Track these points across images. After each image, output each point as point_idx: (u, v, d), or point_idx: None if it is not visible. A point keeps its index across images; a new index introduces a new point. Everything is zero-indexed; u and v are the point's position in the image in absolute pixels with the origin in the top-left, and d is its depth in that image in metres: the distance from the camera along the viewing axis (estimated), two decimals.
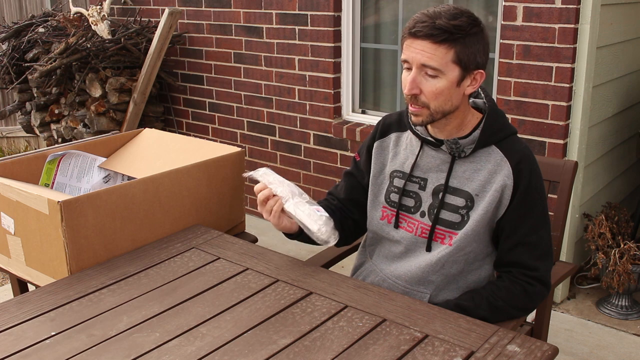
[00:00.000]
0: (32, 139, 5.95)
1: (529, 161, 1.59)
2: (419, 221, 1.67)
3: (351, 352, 1.30)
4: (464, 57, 1.49)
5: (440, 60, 1.48)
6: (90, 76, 3.88)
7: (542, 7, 2.70)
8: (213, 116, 4.16)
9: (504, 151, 1.59)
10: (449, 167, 1.62)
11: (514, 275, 1.61)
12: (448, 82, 1.51)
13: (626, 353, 2.65)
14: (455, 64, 1.50)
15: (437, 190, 1.64)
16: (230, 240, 1.83)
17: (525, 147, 1.61)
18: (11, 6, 5.95)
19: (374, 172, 1.76)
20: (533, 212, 1.59)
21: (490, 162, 1.59)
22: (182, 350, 1.31)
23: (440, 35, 1.46)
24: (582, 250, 3.08)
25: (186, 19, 4.08)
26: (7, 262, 1.90)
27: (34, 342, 1.35)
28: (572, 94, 2.75)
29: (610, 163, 3.23)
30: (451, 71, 1.50)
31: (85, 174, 2.19)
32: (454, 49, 1.48)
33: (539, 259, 1.60)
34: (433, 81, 1.51)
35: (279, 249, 3.45)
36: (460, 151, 1.60)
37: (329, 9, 3.40)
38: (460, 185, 1.61)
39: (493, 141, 1.60)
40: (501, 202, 1.58)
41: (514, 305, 1.60)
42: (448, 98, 1.53)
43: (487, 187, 1.58)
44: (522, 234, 1.59)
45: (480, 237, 1.63)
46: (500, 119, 1.63)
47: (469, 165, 1.61)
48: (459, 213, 1.61)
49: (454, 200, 1.61)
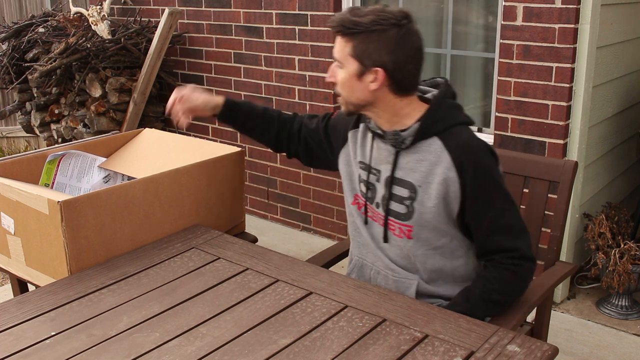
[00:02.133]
0: (32, 139, 5.95)
1: (472, 152, 1.59)
2: (376, 212, 1.72)
3: (351, 352, 1.30)
4: (360, 52, 1.55)
5: (340, 52, 1.58)
6: (90, 76, 3.88)
7: (542, 7, 2.70)
8: (213, 116, 4.15)
9: (444, 142, 1.60)
10: (394, 159, 1.65)
11: (498, 262, 1.63)
12: (347, 74, 1.59)
13: (626, 353, 2.65)
14: (353, 57, 1.56)
15: (387, 181, 1.68)
16: (230, 240, 1.83)
17: (467, 138, 1.61)
18: (11, 6, 5.95)
19: (347, 159, 1.81)
20: (492, 199, 1.61)
21: (431, 152, 1.61)
22: (182, 350, 1.31)
23: (337, 27, 1.57)
24: (582, 250, 3.08)
25: (186, 19, 4.08)
26: (7, 262, 1.90)
27: (34, 342, 1.35)
28: (572, 94, 2.75)
29: (610, 163, 3.23)
30: (350, 64, 1.58)
31: (85, 174, 2.19)
32: (351, 42, 1.56)
33: (516, 238, 1.63)
34: (339, 72, 1.61)
35: (279, 249, 3.45)
36: (401, 142, 1.63)
37: (329, 9, 3.40)
38: (405, 176, 1.64)
39: (434, 132, 1.61)
40: (449, 196, 1.60)
41: (509, 292, 1.64)
42: (351, 90, 1.60)
43: (429, 178, 1.61)
44: (490, 222, 1.61)
45: (446, 232, 1.65)
46: (448, 109, 1.63)
47: (412, 156, 1.63)
48: (404, 204, 1.65)
49: (399, 191, 1.65)
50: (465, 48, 3.17)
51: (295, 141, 1.95)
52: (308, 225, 3.86)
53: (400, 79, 1.57)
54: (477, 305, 1.59)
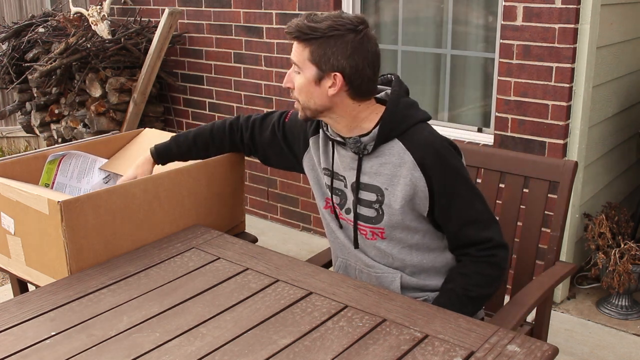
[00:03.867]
0: (32, 139, 5.95)
1: (433, 148, 1.60)
2: (347, 218, 1.74)
3: (351, 352, 1.30)
4: (317, 57, 1.56)
5: (299, 56, 1.59)
6: (90, 76, 3.88)
7: (542, 7, 2.70)
8: (213, 116, 4.15)
9: (405, 144, 1.61)
10: (358, 164, 1.66)
11: (473, 256, 1.65)
12: (305, 79, 1.60)
13: (626, 353, 2.65)
14: (311, 62, 1.58)
15: (353, 187, 1.69)
16: (230, 240, 1.83)
17: (427, 136, 1.62)
18: (11, 6, 5.95)
19: (311, 164, 1.81)
20: (458, 192, 1.62)
21: (394, 155, 1.62)
22: (182, 350, 1.31)
23: (294, 32, 1.58)
24: (582, 250, 3.08)
25: (186, 19, 4.08)
26: (7, 262, 1.90)
27: (34, 342, 1.35)
28: (572, 94, 2.75)
29: (610, 163, 3.23)
30: (308, 69, 1.59)
31: (86, 174, 2.19)
32: (309, 48, 1.57)
33: (487, 227, 1.64)
34: (296, 77, 1.62)
35: (279, 249, 3.45)
36: (363, 148, 1.64)
37: (329, 9, 3.40)
38: (370, 180, 1.65)
39: (394, 135, 1.62)
40: (417, 195, 1.61)
41: (490, 284, 1.65)
42: (309, 95, 1.61)
43: (395, 180, 1.62)
44: (459, 216, 1.63)
45: (418, 230, 1.66)
46: (404, 110, 1.64)
47: (375, 160, 1.64)
48: (373, 207, 1.66)
49: (367, 195, 1.67)
50: (465, 48, 3.17)
51: (249, 149, 1.96)
52: (308, 225, 3.86)
53: (358, 84, 1.58)
54: (461, 304, 1.61)
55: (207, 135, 1.96)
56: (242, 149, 1.98)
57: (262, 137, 1.91)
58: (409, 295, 1.69)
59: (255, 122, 1.93)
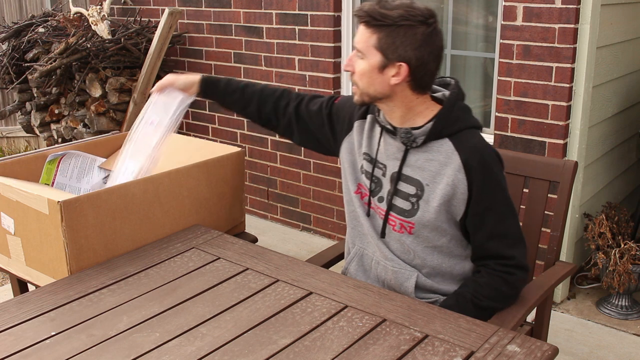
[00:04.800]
0: (32, 139, 5.95)
1: (481, 155, 1.61)
2: (377, 205, 1.73)
3: (351, 352, 1.30)
4: (385, 44, 1.56)
5: (365, 42, 1.59)
6: (90, 76, 3.88)
7: (542, 7, 2.70)
8: (213, 116, 4.15)
9: (455, 144, 1.61)
10: (403, 155, 1.66)
11: (492, 268, 1.64)
12: (369, 66, 1.60)
13: (626, 353, 2.65)
14: (377, 49, 1.57)
15: (393, 177, 1.69)
16: (230, 240, 1.83)
17: (478, 141, 1.63)
18: (11, 6, 5.95)
19: (350, 147, 1.81)
20: (495, 204, 1.62)
21: (442, 153, 1.62)
22: (182, 350, 1.31)
23: (364, 17, 1.57)
24: (582, 250, 3.08)
25: (186, 19, 4.08)
26: (7, 262, 1.90)
27: (34, 342, 1.35)
28: (572, 94, 2.75)
29: (610, 163, 3.22)
30: (373, 56, 1.58)
31: (85, 174, 2.19)
32: (377, 34, 1.56)
33: (513, 247, 1.64)
34: (359, 62, 1.62)
35: (279, 249, 3.45)
36: (412, 141, 1.64)
37: (329, 9, 3.40)
38: (413, 173, 1.65)
39: (446, 134, 1.62)
40: (456, 197, 1.61)
41: (499, 299, 1.64)
42: (371, 82, 1.61)
43: (438, 178, 1.62)
44: (490, 227, 1.63)
45: (446, 232, 1.66)
46: (460, 112, 1.65)
47: (422, 154, 1.64)
48: (410, 201, 1.66)
49: (406, 188, 1.66)
50: (465, 48, 3.17)
51: (288, 119, 1.93)
52: (308, 225, 3.86)
53: (420, 77, 1.59)
54: (467, 309, 1.59)
55: (257, 90, 1.96)
56: (280, 119, 1.94)
57: (307, 109, 1.91)
58: (421, 297, 1.70)
59: (305, 96, 1.95)
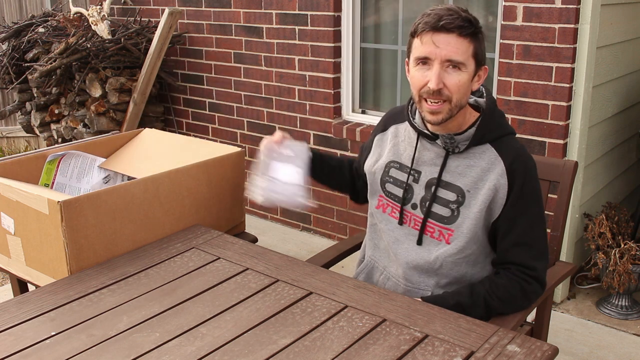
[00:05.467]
0: (32, 139, 5.95)
1: (524, 161, 1.60)
2: (411, 213, 1.69)
3: (351, 352, 1.30)
4: (479, 51, 1.54)
5: (464, 53, 1.51)
6: (90, 76, 3.88)
7: (542, 7, 2.70)
8: (213, 116, 4.15)
9: (498, 150, 1.60)
10: (443, 161, 1.64)
11: (512, 272, 1.62)
12: (469, 76, 1.54)
13: (626, 353, 2.65)
14: (473, 58, 1.53)
15: (430, 183, 1.66)
16: (230, 240, 1.83)
17: (520, 147, 1.63)
18: (11, 6, 5.95)
19: (370, 163, 1.80)
20: (528, 211, 1.60)
21: (484, 159, 1.60)
22: (182, 350, 1.31)
23: (468, 27, 1.50)
24: (582, 250, 3.08)
25: (186, 19, 4.08)
26: (7, 262, 1.90)
27: (34, 342, 1.35)
28: (572, 94, 2.75)
29: (610, 163, 3.22)
30: (470, 65, 1.54)
31: (85, 174, 2.19)
32: (474, 43, 1.52)
33: (536, 259, 1.62)
34: (456, 74, 1.52)
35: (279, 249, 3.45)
36: (455, 147, 1.62)
37: (329, 9, 3.40)
38: (453, 180, 1.63)
39: (488, 139, 1.61)
40: (495, 202, 1.59)
41: (509, 303, 1.62)
42: (465, 92, 1.56)
43: (480, 184, 1.60)
44: (518, 234, 1.60)
45: (479, 239, 1.64)
46: (498, 118, 1.65)
47: (463, 160, 1.62)
48: (449, 207, 1.63)
49: (445, 194, 1.63)
50: None
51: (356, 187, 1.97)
52: (308, 225, 3.86)
53: None
54: (477, 304, 1.59)
55: (345, 164, 1.99)
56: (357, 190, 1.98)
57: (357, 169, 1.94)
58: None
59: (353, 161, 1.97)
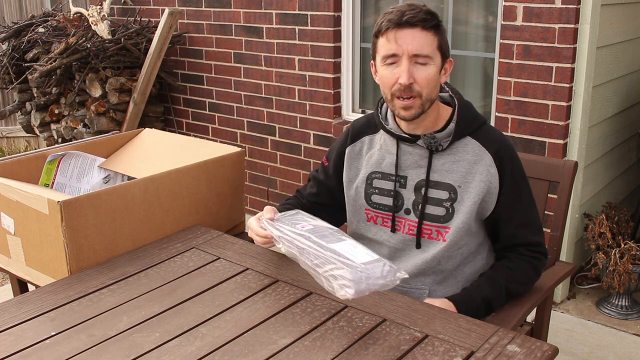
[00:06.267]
0: (32, 139, 5.95)
1: (507, 147, 1.63)
2: (405, 219, 1.68)
3: (351, 352, 1.29)
4: (443, 44, 1.56)
5: (430, 46, 1.54)
6: (90, 76, 3.88)
7: (542, 7, 2.70)
8: (213, 116, 4.16)
9: (480, 141, 1.62)
10: (428, 162, 1.64)
11: (521, 253, 1.66)
12: (436, 69, 1.56)
13: (626, 353, 2.65)
14: (439, 50, 1.55)
15: (418, 185, 1.65)
16: (230, 240, 1.83)
17: (500, 134, 1.65)
18: (11, 6, 5.95)
19: (349, 178, 1.76)
20: (522, 193, 1.64)
21: (469, 152, 1.61)
22: (182, 350, 1.31)
23: (431, 20, 1.52)
24: (582, 250, 3.08)
25: (186, 19, 4.08)
26: (7, 262, 1.90)
27: (34, 342, 1.35)
28: (572, 94, 2.75)
29: (610, 163, 3.22)
30: (437, 58, 1.55)
31: (85, 174, 2.19)
32: (438, 36, 1.54)
33: (537, 234, 1.68)
34: (425, 68, 1.53)
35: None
36: (437, 145, 1.62)
37: (329, 9, 3.40)
38: (441, 178, 1.63)
39: (467, 132, 1.62)
40: (490, 193, 1.61)
41: (526, 282, 1.67)
42: (435, 86, 1.57)
43: (469, 177, 1.61)
44: (519, 216, 1.65)
45: (472, 231, 1.65)
46: (470, 109, 1.66)
47: (448, 157, 1.63)
48: (443, 206, 1.63)
49: (436, 194, 1.64)
50: (465, 48, 3.17)
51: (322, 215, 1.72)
52: None
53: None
54: (501, 294, 1.62)
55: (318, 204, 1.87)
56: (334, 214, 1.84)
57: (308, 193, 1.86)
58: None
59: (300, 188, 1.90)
